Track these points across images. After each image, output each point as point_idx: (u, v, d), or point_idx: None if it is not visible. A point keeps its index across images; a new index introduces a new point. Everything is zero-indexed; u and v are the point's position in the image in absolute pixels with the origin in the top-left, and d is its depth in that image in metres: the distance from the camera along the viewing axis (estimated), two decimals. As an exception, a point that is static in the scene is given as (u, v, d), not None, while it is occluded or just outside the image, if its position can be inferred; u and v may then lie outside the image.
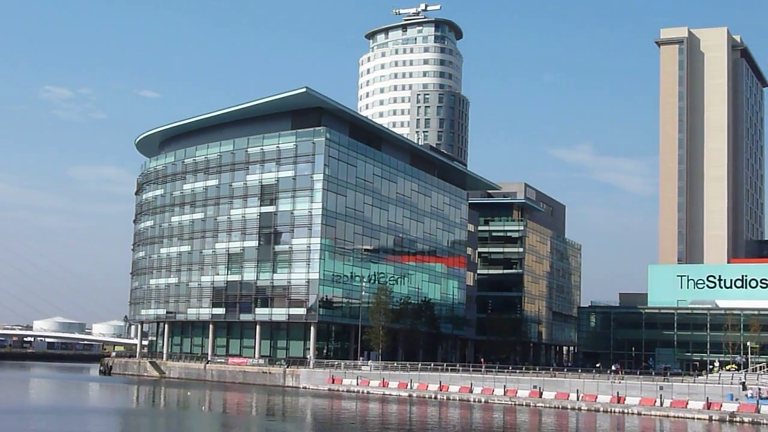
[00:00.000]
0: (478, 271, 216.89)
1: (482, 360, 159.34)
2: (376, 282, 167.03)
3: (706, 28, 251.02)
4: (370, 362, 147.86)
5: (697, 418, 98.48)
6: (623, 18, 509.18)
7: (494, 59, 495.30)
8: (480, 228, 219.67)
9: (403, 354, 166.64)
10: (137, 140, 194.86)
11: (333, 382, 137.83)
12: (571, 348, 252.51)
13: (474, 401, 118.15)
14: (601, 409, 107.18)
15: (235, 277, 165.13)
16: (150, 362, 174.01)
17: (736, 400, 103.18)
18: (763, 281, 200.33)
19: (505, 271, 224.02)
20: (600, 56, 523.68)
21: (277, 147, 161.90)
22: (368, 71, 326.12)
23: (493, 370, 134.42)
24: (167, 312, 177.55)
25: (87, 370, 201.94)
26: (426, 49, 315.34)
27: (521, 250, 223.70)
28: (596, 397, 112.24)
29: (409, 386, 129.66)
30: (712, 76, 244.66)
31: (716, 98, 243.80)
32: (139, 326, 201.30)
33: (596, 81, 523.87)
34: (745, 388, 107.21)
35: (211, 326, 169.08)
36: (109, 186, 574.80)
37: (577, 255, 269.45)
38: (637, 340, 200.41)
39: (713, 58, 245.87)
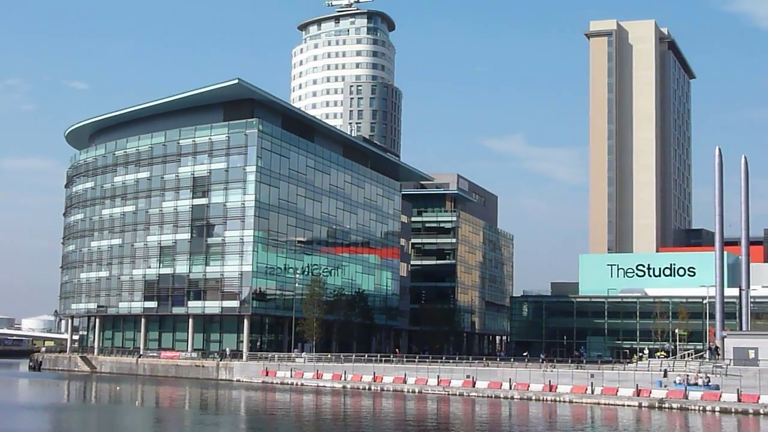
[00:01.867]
0: (412, 262, 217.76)
1: (397, 351, 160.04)
2: (310, 274, 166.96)
3: (634, 20, 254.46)
4: (304, 354, 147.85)
5: (627, 405, 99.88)
6: (554, 10, 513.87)
7: (426, 51, 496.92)
8: (413, 219, 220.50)
9: (337, 345, 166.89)
10: (67, 132, 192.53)
11: (267, 375, 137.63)
12: (504, 337, 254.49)
13: (408, 391, 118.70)
14: (534, 397, 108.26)
15: (168, 270, 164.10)
16: (81, 357, 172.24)
17: (665, 386, 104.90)
18: (691, 270, 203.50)
19: (438, 262, 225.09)
20: (531, 48, 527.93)
21: (209, 139, 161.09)
22: (301, 63, 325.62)
23: (427, 360, 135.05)
24: (98, 306, 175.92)
25: (16, 366, 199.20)
26: (359, 41, 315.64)
27: (454, 240, 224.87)
28: (528, 386, 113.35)
29: (343, 377, 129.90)
30: (640, 67, 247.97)
31: (644, 89, 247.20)
32: (70, 321, 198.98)
33: (527, 72, 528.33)
34: (666, 375, 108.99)
35: (143, 320, 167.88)
36: (38, 178, 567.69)
37: (510, 245, 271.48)
38: (568, 328, 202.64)
39: (641, 50, 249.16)
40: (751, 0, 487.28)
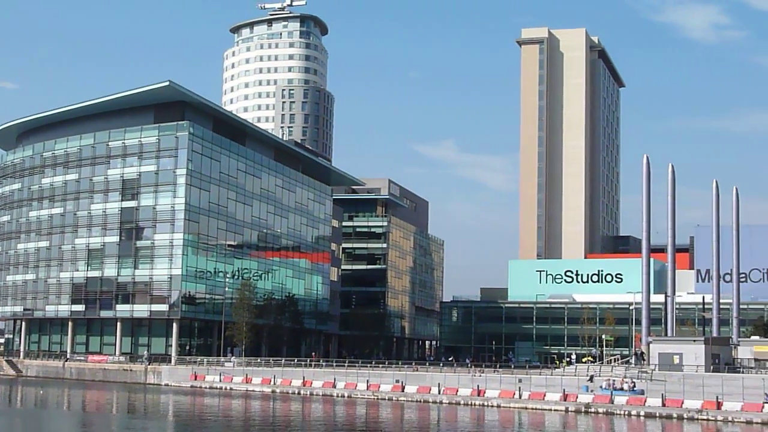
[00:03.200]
0: (342, 267, 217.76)
1: (313, 354, 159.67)
2: (240, 278, 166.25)
3: (565, 29, 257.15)
4: (233, 358, 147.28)
5: (554, 410, 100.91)
6: (487, 17, 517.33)
7: (360, 56, 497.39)
8: (344, 224, 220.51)
9: (266, 350, 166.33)
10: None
11: (195, 379, 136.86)
12: (434, 342, 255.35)
13: (337, 396, 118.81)
14: (462, 402, 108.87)
15: (96, 273, 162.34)
16: (6, 361, 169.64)
17: (591, 391, 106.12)
18: (618, 276, 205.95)
19: (369, 267, 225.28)
20: (464, 54, 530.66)
21: (139, 141, 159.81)
22: (233, 66, 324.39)
23: (357, 364, 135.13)
24: (24, 309, 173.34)
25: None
26: (291, 45, 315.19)
27: (385, 245, 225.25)
28: (457, 391, 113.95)
29: (272, 382, 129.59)
30: (571, 75, 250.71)
31: (575, 97, 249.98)
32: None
33: (460, 79, 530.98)
34: (592, 380, 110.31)
35: (70, 323, 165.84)
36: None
37: (440, 250, 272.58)
38: (497, 333, 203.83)
39: (572, 58, 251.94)
40: (679, 11, 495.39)
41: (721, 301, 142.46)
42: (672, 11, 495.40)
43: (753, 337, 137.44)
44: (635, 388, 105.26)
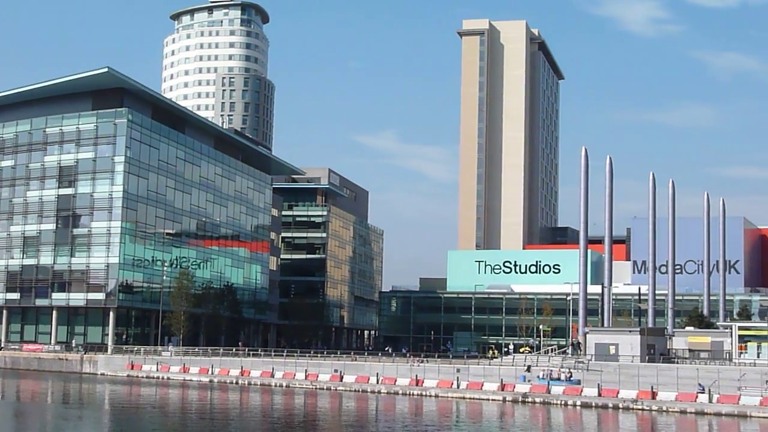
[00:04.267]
0: (282, 256, 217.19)
1: (240, 343, 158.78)
2: (178, 266, 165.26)
3: (506, 20, 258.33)
4: (170, 348, 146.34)
5: (492, 399, 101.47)
6: (428, 8, 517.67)
7: (301, 45, 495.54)
8: (284, 213, 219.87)
9: (204, 339, 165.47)
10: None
11: (132, 369, 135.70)
12: (373, 332, 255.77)
13: (276, 386, 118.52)
14: (400, 391, 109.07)
15: (31, 261, 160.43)
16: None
17: (529, 381, 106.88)
18: (556, 267, 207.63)
19: (308, 256, 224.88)
20: (405, 45, 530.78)
21: (77, 128, 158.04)
22: (173, 53, 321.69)
23: (295, 354, 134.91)
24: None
25: None
26: (232, 32, 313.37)
27: (324, 235, 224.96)
28: (395, 380, 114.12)
29: (210, 371, 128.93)
30: (511, 67, 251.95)
31: (515, 89, 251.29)
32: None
33: (401, 69, 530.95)
34: (529, 370, 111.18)
35: (4, 312, 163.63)
36: None
37: (380, 240, 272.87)
38: (436, 324, 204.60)
39: (512, 50, 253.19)
40: (618, 4, 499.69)
41: (656, 292, 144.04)
42: (611, 5, 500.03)
43: (688, 328, 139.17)
44: (572, 378, 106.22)
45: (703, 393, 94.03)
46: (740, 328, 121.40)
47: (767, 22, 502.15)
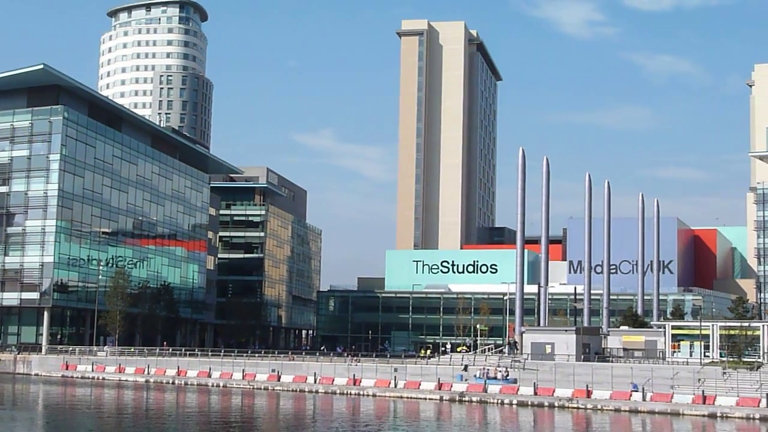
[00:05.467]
0: (219, 255, 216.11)
1: (165, 343, 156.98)
2: (114, 266, 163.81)
3: (445, 21, 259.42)
4: (106, 348, 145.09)
5: (429, 399, 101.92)
6: (367, 7, 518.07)
7: (239, 43, 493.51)
8: (221, 212, 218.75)
9: (141, 339, 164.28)
10: None
11: (67, 369, 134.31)
12: (311, 332, 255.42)
13: (212, 385, 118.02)
14: (338, 391, 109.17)
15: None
16: None
17: (466, 380, 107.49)
18: (493, 266, 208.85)
19: (246, 256, 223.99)
20: (344, 44, 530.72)
21: (11, 125, 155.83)
22: (110, 50, 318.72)
23: (232, 354, 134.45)
24: None
25: None
26: (170, 30, 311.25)
27: (262, 234, 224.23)
28: (333, 380, 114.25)
29: (146, 371, 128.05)
30: (449, 68, 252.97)
31: (453, 90, 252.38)
32: None
33: (340, 68, 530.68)
34: (466, 369, 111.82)
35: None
36: None
37: (318, 240, 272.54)
38: (374, 323, 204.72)
39: (451, 51, 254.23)
40: (554, 6, 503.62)
41: (592, 291, 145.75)
42: (548, 7, 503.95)
43: (622, 327, 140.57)
44: (508, 377, 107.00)
45: (637, 391, 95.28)
46: (673, 328, 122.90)
47: (701, 25, 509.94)
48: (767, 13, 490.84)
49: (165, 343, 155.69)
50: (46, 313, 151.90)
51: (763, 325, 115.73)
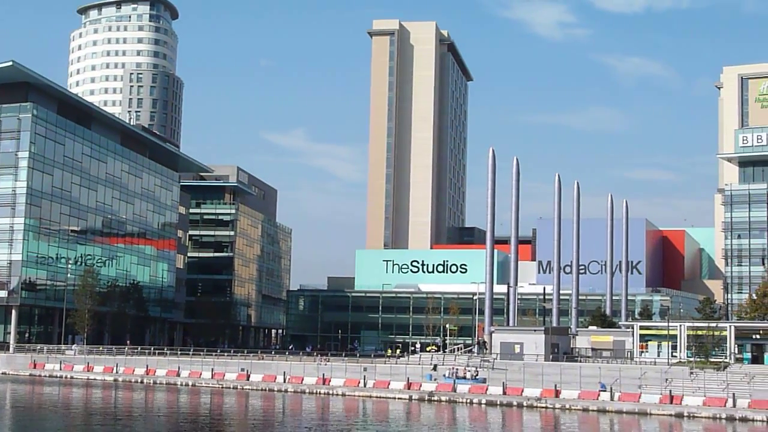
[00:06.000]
0: (189, 254, 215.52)
1: (128, 342, 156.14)
2: (83, 264, 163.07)
3: (416, 21, 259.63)
4: (74, 346, 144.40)
5: (398, 398, 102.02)
6: (339, 7, 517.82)
7: (210, 41, 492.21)
8: (191, 210, 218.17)
9: (109, 338, 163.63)
10: None
11: (35, 367, 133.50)
12: (280, 331, 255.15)
13: (181, 385, 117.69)
14: (307, 390, 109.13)
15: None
16: None
17: (435, 380, 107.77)
18: (463, 266, 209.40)
19: (216, 255, 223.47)
20: (316, 43, 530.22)
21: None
22: (80, 47, 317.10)
23: (201, 353, 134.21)
24: None
25: None
26: (140, 28, 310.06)
27: (232, 233, 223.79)
28: (302, 379, 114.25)
29: (115, 370, 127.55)
30: (420, 68, 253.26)
31: (424, 90, 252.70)
32: None
33: (312, 68, 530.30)
34: (436, 369, 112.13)
35: None
36: None
37: (288, 239, 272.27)
38: (343, 322, 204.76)
39: (422, 51, 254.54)
40: (526, 8, 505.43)
41: (561, 292, 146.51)
42: (520, 8, 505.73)
43: (591, 327, 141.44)
44: (477, 377, 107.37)
45: (605, 391, 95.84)
46: (641, 328, 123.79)
47: (671, 27, 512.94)
48: (737, 16, 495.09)
49: (129, 342, 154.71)
50: (14, 312, 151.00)
51: (730, 326, 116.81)
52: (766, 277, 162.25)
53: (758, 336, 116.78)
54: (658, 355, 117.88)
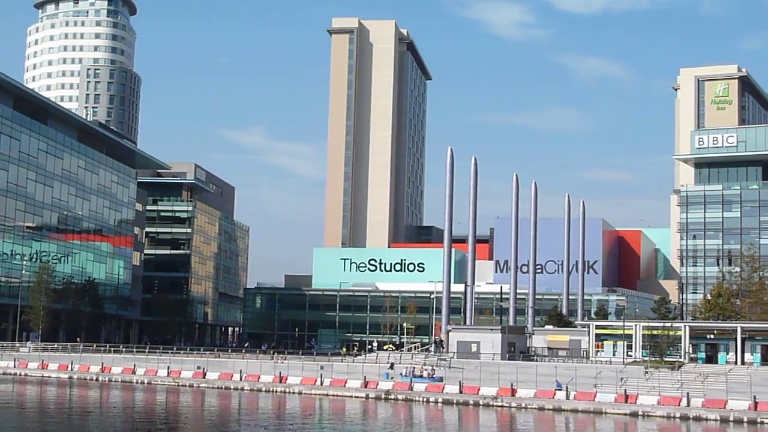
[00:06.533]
0: (145, 251, 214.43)
1: (78, 339, 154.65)
2: (38, 261, 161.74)
3: (376, 20, 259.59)
4: (29, 344, 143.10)
5: (355, 397, 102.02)
6: (298, 4, 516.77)
7: (169, 38, 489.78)
8: (148, 208, 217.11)
9: (65, 335, 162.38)
10: None
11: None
12: (237, 329, 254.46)
13: (137, 382, 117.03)
14: (264, 388, 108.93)
15: None
16: None
17: (392, 378, 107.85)
18: (420, 265, 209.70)
19: (173, 252, 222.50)
20: (275, 41, 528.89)
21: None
22: (36, 42, 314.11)
23: (157, 351, 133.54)
24: None
25: None
26: (98, 23, 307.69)
27: (189, 230, 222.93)
28: (259, 377, 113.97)
29: (70, 368, 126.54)
30: (379, 66, 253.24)
31: (383, 88, 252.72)
32: None
33: (271, 65, 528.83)
34: (392, 368, 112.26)
35: None
36: None
37: (245, 237, 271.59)
38: (301, 321, 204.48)
39: (381, 50, 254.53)
40: (485, 7, 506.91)
41: (518, 291, 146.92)
42: (479, 7, 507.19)
43: (547, 327, 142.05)
44: (434, 376, 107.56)
45: (561, 390, 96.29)
46: (597, 327, 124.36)
47: (629, 28, 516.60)
48: (694, 18, 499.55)
49: (78, 339, 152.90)
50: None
51: (685, 326, 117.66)
52: (721, 277, 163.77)
53: (712, 336, 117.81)
54: (614, 355, 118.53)
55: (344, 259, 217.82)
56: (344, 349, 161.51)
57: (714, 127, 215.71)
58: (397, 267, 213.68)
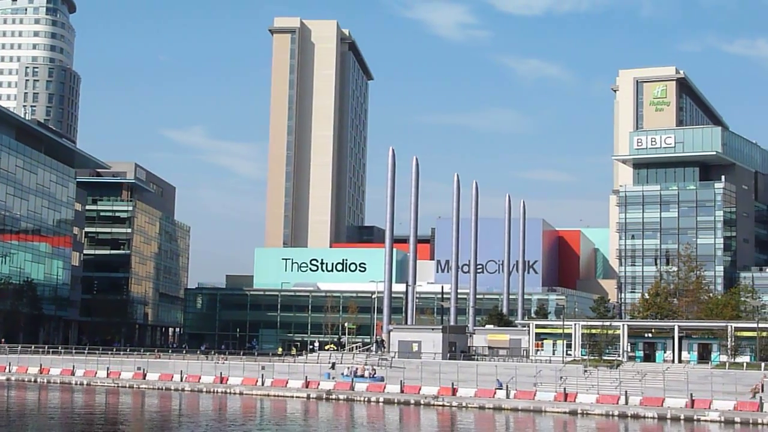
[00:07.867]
0: (85, 252, 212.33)
1: (2, 341, 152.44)
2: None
3: (318, 20, 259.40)
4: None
5: (296, 397, 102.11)
6: (240, 3, 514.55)
7: (109, 36, 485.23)
8: (88, 207, 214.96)
9: (2, 336, 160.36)
10: None
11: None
12: (178, 329, 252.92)
13: (76, 384, 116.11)
14: (205, 389, 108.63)
15: None
16: None
17: (333, 378, 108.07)
18: (362, 265, 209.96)
19: (113, 252, 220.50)
20: (216, 40, 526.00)
21: None
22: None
23: (97, 351, 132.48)
24: None
25: None
26: (37, 21, 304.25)
27: (129, 230, 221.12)
28: (200, 378, 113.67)
29: (7, 369, 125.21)
30: (321, 66, 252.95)
31: (325, 88, 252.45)
32: None
33: (211, 64, 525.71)
34: (334, 368, 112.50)
35: None
36: None
37: (186, 237, 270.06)
38: (242, 321, 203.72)
39: (323, 50, 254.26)
40: (427, 8, 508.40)
41: (459, 291, 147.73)
42: (421, 8, 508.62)
43: (488, 326, 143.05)
44: (375, 375, 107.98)
45: (501, 389, 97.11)
46: (537, 326, 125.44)
47: (570, 30, 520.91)
48: (634, 20, 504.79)
49: (3, 340, 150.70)
50: None
51: (623, 325, 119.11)
52: (659, 277, 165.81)
53: (650, 335, 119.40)
54: (554, 354, 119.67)
55: (286, 259, 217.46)
56: (280, 349, 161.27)
57: (652, 128, 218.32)
58: (339, 267, 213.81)
